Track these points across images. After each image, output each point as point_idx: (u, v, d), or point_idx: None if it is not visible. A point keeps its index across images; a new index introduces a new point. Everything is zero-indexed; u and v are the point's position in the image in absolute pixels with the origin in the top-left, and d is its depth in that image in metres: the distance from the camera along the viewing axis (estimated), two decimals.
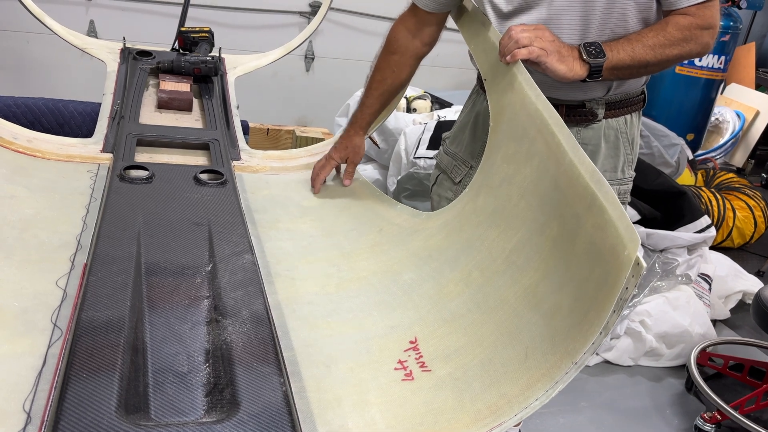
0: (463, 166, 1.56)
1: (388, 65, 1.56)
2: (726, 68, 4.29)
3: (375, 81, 1.59)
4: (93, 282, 0.98)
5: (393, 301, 1.15)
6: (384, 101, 1.62)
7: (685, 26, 1.26)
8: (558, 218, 0.98)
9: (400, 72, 1.57)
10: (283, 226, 1.41)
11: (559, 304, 0.89)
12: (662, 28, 1.27)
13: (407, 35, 1.53)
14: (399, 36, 1.54)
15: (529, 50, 1.21)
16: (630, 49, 1.26)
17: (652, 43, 1.26)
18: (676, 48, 1.28)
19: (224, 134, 1.75)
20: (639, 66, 1.28)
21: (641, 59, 1.27)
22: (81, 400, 0.75)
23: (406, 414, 0.89)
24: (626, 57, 1.26)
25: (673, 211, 2.83)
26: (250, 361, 0.87)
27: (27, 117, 2.14)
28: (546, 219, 1.01)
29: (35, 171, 1.43)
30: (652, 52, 1.27)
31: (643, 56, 1.27)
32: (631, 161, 1.51)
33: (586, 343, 0.80)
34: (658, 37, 1.26)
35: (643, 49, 1.26)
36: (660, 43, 1.26)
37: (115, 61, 2.08)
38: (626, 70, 1.28)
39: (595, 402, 2.27)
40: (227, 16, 3.99)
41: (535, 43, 1.22)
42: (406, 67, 1.57)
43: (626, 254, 0.78)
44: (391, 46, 1.55)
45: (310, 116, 4.38)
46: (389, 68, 1.57)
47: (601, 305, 0.79)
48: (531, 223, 1.06)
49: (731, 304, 2.87)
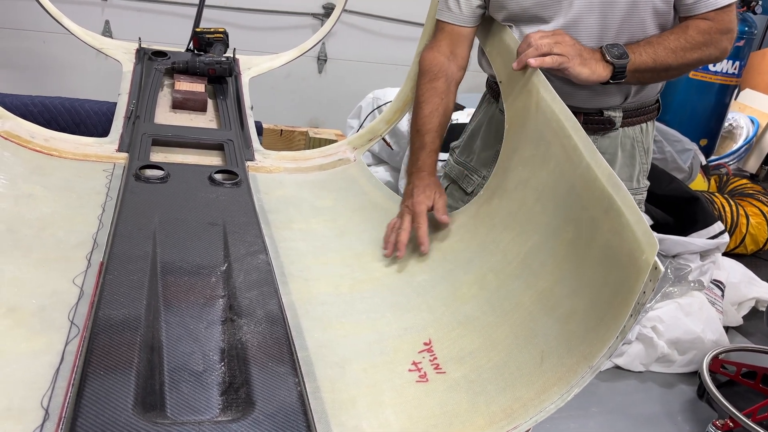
0: (476, 176, 1.55)
1: (435, 93, 1.41)
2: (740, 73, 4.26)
3: (426, 114, 1.40)
4: (109, 280, 0.99)
5: (407, 303, 1.16)
6: (440, 136, 1.42)
7: (705, 30, 1.26)
8: (574, 222, 0.98)
9: (448, 99, 1.42)
10: (297, 226, 1.41)
11: (575, 308, 0.89)
12: (683, 31, 1.26)
13: (444, 60, 1.42)
14: (436, 61, 1.42)
15: (552, 59, 1.19)
16: (652, 52, 1.25)
17: (674, 46, 1.25)
18: (696, 52, 1.26)
19: (238, 135, 1.75)
20: (661, 69, 1.27)
21: (663, 62, 1.25)
22: (98, 398, 0.75)
23: (421, 415, 0.89)
24: (648, 59, 1.25)
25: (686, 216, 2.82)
26: (266, 361, 0.88)
27: (44, 116, 2.16)
28: (562, 222, 1.01)
29: (52, 170, 1.44)
30: (674, 55, 1.26)
31: (665, 59, 1.25)
32: (646, 170, 1.50)
33: (603, 348, 0.79)
34: (679, 41, 1.25)
35: (665, 52, 1.25)
36: (681, 46, 1.25)
37: (131, 62, 2.09)
38: (648, 73, 1.27)
39: (606, 407, 2.26)
40: (242, 17, 4.01)
41: (555, 49, 1.20)
42: (451, 94, 1.43)
43: (644, 258, 0.78)
44: (431, 73, 1.42)
45: (322, 118, 4.40)
46: (437, 96, 1.41)
47: (618, 310, 0.79)
48: (546, 226, 1.05)
49: (744, 311, 2.85)
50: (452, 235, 1.32)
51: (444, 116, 1.41)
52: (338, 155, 1.80)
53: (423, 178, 1.37)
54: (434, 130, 1.40)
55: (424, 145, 1.40)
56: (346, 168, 1.75)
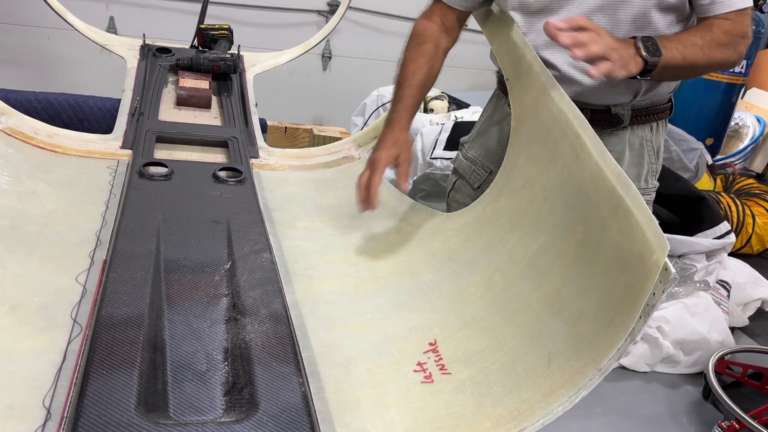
0: (483, 171, 1.54)
1: (421, 55, 1.45)
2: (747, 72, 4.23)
3: (409, 73, 1.44)
4: (113, 278, 0.98)
5: (412, 303, 1.14)
6: (421, 93, 1.46)
7: (728, 30, 1.22)
8: (582, 222, 0.97)
9: (434, 62, 1.46)
10: (301, 224, 1.40)
11: (583, 310, 0.88)
12: (708, 29, 1.22)
13: (436, 28, 1.47)
14: (428, 28, 1.46)
15: (610, 68, 1.10)
16: (682, 48, 1.20)
17: (702, 43, 1.21)
18: (721, 51, 1.22)
19: (243, 132, 1.75)
20: (688, 66, 1.22)
21: (691, 59, 1.21)
22: (101, 397, 0.74)
23: (426, 417, 0.88)
24: (678, 56, 1.19)
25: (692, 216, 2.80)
26: (270, 361, 0.87)
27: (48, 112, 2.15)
28: (570, 223, 1.00)
29: (56, 167, 1.44)
30: (701, 53, 1.21)
31: (693, 56, 1.21)
32: (655, 171, 1.47)
33: (612, 350, 0.78)
34: (705, 38, 1.21)
35: (693, 49, 1.20)
36: (708, 44, 1.21)
37: (135, 58, 2.08)
38: (675, 69, 1.22)
39: (610, 408, 2.24)
40: (246, 14, 4.00)
41: (612, 55, 1.10)
42: (438, 59, 1.47)
43: (654, 259, 0.76)
44: (420, 37, 1.46)
45: (327, 115, 4.39)
46: (423, 57, 1.45)
47: (628, 311, 0.77)
48: (554, 226, 1.04)
49: (750, 312, 2.82)
50: (458, 234, 1.30)
51: (427, 76, 1.44)
52: (343, 153, 1.79)
53: (393, 132, 1.40)
54: (415, 86, 1.42)
55: (402, 98, 1.42)
56: (350, 166, 1.74)
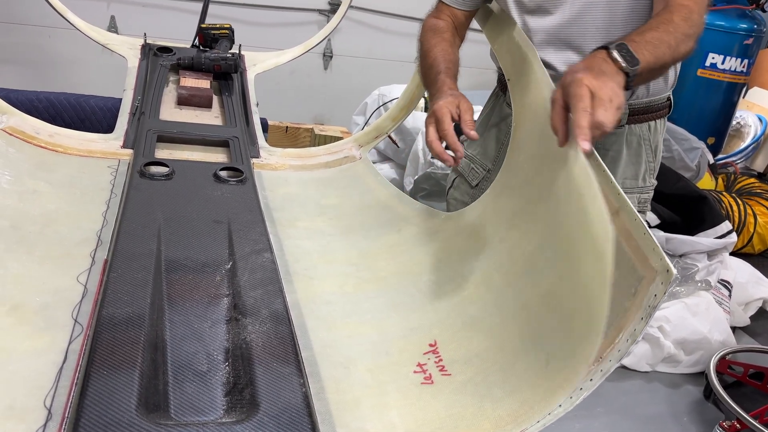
0: (481, 169, 1.54)
1: (443, 40, 1.38)
2: (749, 72, 4.22)
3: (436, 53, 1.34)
4: (113, 278, 0.98)
5: (412, 303, 1.14)
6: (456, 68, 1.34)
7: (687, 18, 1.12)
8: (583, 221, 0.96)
9: (455, 48, 1.40)
10: (302, 224, 1.40)
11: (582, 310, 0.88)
12: (669, 21, 1.11)
13: (448, 20, 1.44)
14: (439, 22, 1.43)
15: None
16: (653, 49, 1.08)
17: (668, 39, 1.09)
18: (684, 45, 1.12)
19: (244, 131, 1.75)
20: (659, 68, 1.11)
21: (662, 60, 1.09)
22: (101, 398, 0.75)
23: (426, 418, 0.88)
24: (651, 59, 1.07)
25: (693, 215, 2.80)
26: (270, 361, 0.87)
27: (49, 112, 2.15)
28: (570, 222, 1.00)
29: (57, 166, 1.44)
30: (669, 50, 1.10)
31: (663, 56, 1.09)
32: (653, 169, 1.46)
33: (613, 351, 0.78)
34: (670, 33, 1.10)
35: (662, 47, 1.09)
36: (674, 39, 1.10)
37: (136, 57, 2.08)
38: (647, 74, 1.10)
39: (611, 407, 2.24)
40: (247, 14, 4.00)
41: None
42: (456, 46, 1.41)
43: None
44: (435, 28, 1.42)
45: (328, 115, 4.38)
46: (445, 42, 1.38)
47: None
48: (554, 225, 1.04)
49: (751, 312, 2.82)
50: (459, 234, 1.30)
51: (454, 56, 1.36)
52: (344, 153, 1.79)
53: (444, 92, 1.25)
54: (450, 61, 1.33)
55: (440, 72, 1.30)
56: (351, 165, 1.74)
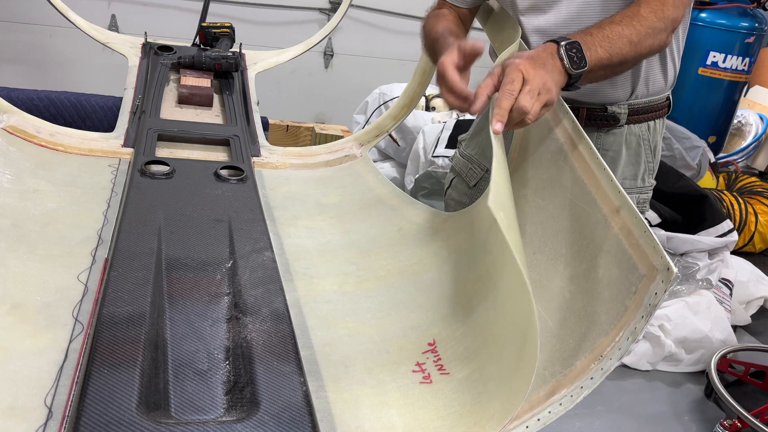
0: (478, 169, 1.54)
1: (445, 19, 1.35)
2: (750, 70, 4.22)
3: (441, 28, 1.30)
4: (114, 277, 0.99)
5: (412, 302, 1.14)
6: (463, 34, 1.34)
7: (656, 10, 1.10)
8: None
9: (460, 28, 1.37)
10: (302, 223, 1.40)
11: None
12: (635, 14, 1.10)
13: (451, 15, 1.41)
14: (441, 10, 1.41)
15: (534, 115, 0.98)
16: (608, 45, 1.06)
17: (629, 33, 1.07)
18: (650, 39, 1.10)
19: (244, 130, 1.75)
20: (617, 64, 1.10)
21: (620, 55, 1.07)
22: (102, 396, 0.75)
23: (425, 417, 0.88)
24: (605, 55, 1.06)
25: (694, 214, 2.80)
26: (271, 360, 0.87)
27: (49, 110, 2.16)
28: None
29: (57, 165, 1.44)
30: (629, 46, 1.07)
31: (620, 51, 1.07)
32: (653, 169, 1.46)
33: (614, 349, 0.78)
34: (633, 27, 1.08)
35: (620, 42, 1.06)
36: (636, 34, 1.08)
37: (137, 56, 2.08)
38: (601, 70, 1.09)
39: (612, 406, 2.24)
40: (248, 12, 4.00)
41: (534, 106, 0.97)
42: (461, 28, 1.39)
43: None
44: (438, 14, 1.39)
45: (329, 113, 4.39)
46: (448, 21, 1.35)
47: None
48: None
49: (752, 310, 2.82)
50: (459, 232, 1.30)
51: (462, 34, 1.33)
52: (344, 151, 1.79)
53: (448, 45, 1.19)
54: (456, 34, 1.30)
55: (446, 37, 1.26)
56: (352, 164, 1.74)
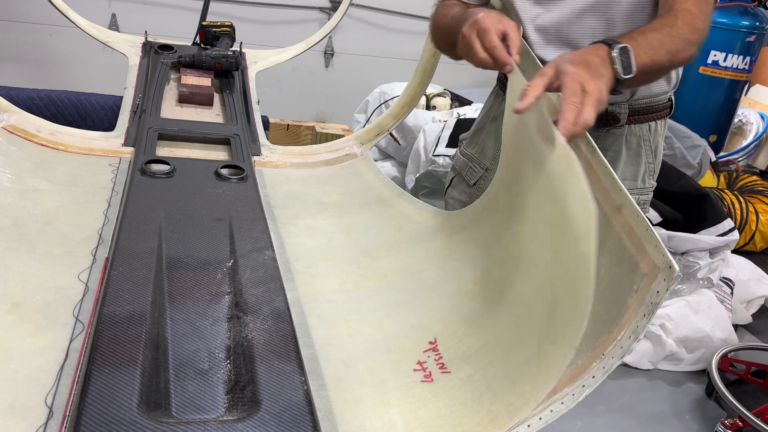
0: (479, 168, 1.53)
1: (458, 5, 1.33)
2: (751, 69, 4.21)
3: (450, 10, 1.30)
4: (114, 276, 0.98)
5: (413, 301, 1.14)
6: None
7: (691, 23, 1.11)
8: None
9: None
10: (303, 222, 1.40)
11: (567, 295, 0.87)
12: (672, 24, 1.11)
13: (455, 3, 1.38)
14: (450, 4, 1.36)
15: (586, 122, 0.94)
16: (652, 53, 1.08)
17: (669, 42, 1.09)
18: (685, 50, 1.12)
19: (245, 129, 1.75)
20: (654, 72, 1.11)
21: (659, 63, 1.10)
22: (102, 396, 0.75)
23: (426, 416, 0.88)
24: (648, 61, 1.07)
25: (695, 213, 2.79)
26: (271, 359, 0.87)
27: (50, 109, 2.16)
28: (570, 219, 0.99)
29: (58, 164, 1.44)
30: (667, 55, 1.09)
31: (660, 60, 1.09)
32: (653, 171, 1.45)
33: (615, 348, 0.78)
34: (672, 36, 1.10)
35: (661, 50, 1.09)
36: (675, 43, 1.10)
37: (137, 55, 2.08)
38: (641, 77, 1.08)
39: (613, 405, 2.24)
40: (248, 11, 4.00)
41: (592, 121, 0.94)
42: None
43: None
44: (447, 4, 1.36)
45: (329, 112, 4.38)
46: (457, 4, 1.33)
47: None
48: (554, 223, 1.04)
49: (753, 309, 2.82)
50: (459, 231, 1.30)
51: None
52: (345, 150, 1.79)
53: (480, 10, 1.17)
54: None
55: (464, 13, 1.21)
56: (352, 163, 1.74)
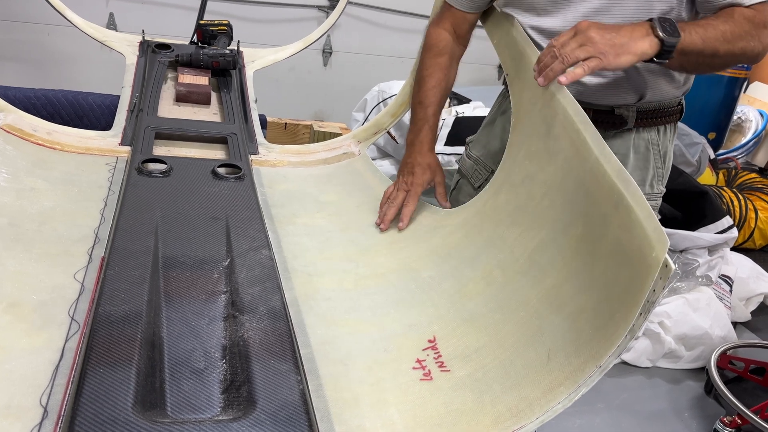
0: (484, 171, 1.52)
1: (439, 68, 1.46)
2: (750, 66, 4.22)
3: (428, 90, 1.45)
4: (110, 276, 0.98)
5: (411, 299, 1.14)
6: (440, 109, 1.49)
7: (750, 18, 1.15)
8: (583, 217, 0.96)
9: (450, 74, 1.48)
10: (301, 221, 1.39)
11: (583, 306, 0.87)
12: (729, 17, 1.15)
13: (448, 36, 1.47)
14: (442, 37, 1.47)
15: (583, 68, 1.08)
16: (702, 32, 1.11)
17: (723, 29, 1.13)
18: (743, 40, 1.15)
19: (242, 128, 1.74)
20: (709, 54, 1.14)
21: (712, 46, 1.13)
22: (98, 396, 0.74)
23: (425, 415, 0.87)
24: (698, 40, 1.11)
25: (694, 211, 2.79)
26: (268, 358, 0.86)
27: (47, 109, 2.14)
28: (570, 218, 0.99)
29: (55, 163, 1.43)
30: (723, 39, 1.13)
31: (714, 43, 1.13)
32: (662, 176, 1.42)
33: (612, 347, 0.78)
34: (727, 25, 1.14)
35: (714, 34, 1.12)
36: (730, 31, 1.13)
37: (134, 54, 2.08)
38: (694, 56, 1.14)
39: (612, 403, 2.24)
40: (246, 10, 3.99)
41: (581, 54, 1.08)
42: (453, 69, 1.49)
43: (654, 256, 0.76)
44: (436, 48, 1.46)
45: (327, 111, 4.38)
46: (441, 71, 1.46)
47: (628, 308, 0.77)
48: (554, 222, 1.04)
49: (752, 307, 2.82)
50: (459, 230, 1.30)
51: (445, 91, 1.48)
52: (343, 149, 1.78)
53: (424, 155, 1.44)
54: (436, 104, 1.46)
55: (427, 119, 1.45)
56: (350, 162, 1.73)
